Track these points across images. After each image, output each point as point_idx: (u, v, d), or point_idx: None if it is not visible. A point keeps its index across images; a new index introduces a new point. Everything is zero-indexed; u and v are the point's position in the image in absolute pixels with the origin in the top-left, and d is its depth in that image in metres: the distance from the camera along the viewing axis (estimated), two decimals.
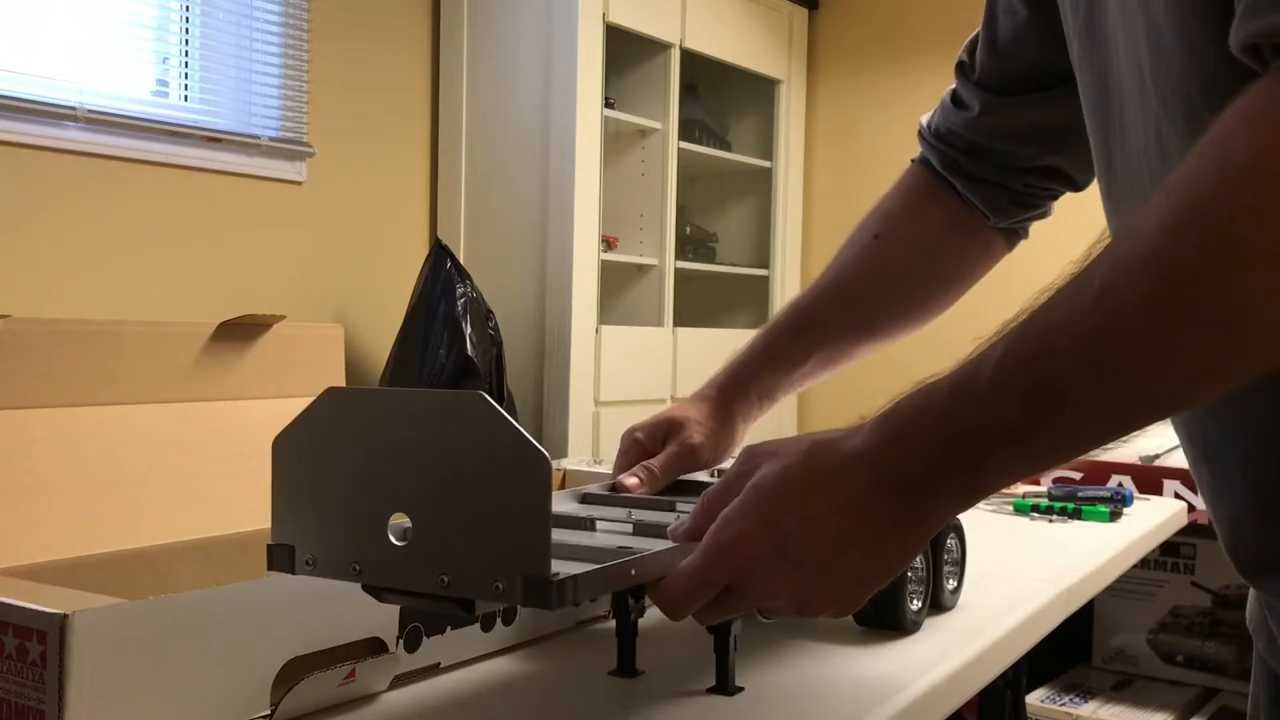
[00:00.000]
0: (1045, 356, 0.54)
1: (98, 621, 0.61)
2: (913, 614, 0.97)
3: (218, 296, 2.84)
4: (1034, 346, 0.55)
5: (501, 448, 0.59)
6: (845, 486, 0.59)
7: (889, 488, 0.58)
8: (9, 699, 0.62)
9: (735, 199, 4.13)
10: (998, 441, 0.55)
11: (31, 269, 2.53)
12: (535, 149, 3.21)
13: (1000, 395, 0.55)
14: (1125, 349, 0.52)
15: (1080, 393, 0.53)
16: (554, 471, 1.20)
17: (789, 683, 0.82)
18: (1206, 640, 1.98)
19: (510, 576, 0.58)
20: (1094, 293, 0.53)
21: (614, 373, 3.25)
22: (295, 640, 0.71)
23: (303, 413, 0.65)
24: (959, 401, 0.57)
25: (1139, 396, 0.53)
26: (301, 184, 3.07)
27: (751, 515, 0.61)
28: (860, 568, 0.59)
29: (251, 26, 2.94)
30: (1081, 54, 0.74)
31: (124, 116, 2.65)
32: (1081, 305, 0.53)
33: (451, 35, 3.38)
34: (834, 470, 0.59)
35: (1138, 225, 0.53)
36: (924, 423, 0.58)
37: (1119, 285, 0.52)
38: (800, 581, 0.60)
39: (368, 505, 0.63)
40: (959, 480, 0.57)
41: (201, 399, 1.08)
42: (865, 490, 0.58)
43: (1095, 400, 0.53)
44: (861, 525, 0.58)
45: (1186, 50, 0.59)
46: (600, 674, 0.83)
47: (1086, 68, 0.73)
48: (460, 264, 2.96)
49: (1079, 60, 0.75)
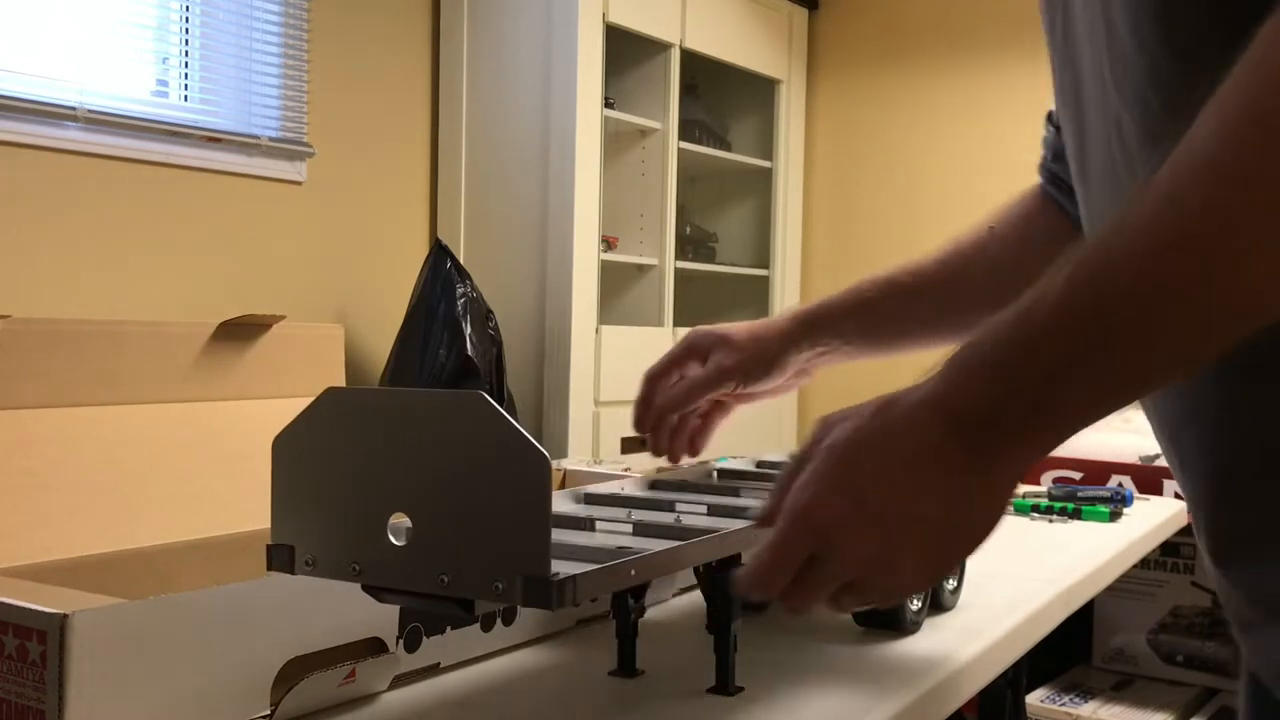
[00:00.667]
0: (1106, 275, 0.52)
1: (98, 621, 0.61)
2: (913, 614, 0.97)
3: (218, 296, 2.84)
4: (1095, 269, 0.53)
5: (501, 448, 0.59)
6: (914, 435, 0.57)
7: (958, 429, 0.56)
8: (9, 699, 0.62)
9: (735, 199, 4.13)
10: (1064, 364, 0.53)
11: (31, 269, 2.53)
12: (535, 149, 3.21)
13: (1063, 317, 0.53)
14: (1188, 259, 0.50)
15: (1144, 308, 0.51)
16: (554, 471, 1.20)
17: (789, 683, 0.82)
18: (1206, 640, 1.98)
19: (510, 576, 0.58)
20: (1152, 207, 0.52)
21: (614, 373, 3.25)
22: (295, 640, 0.71)
23: (303, 413, 0.65)
24: (1022, 329, 0.55)
25: (1207, 310, 0.51)
26: (301, 184, 3.07)
27: (825, 478, 0.58)
28: (945, 516, 0.57)
29: (251, 26, 2.94)
30: (1061, 61, 0.74)
31: (124, 116, 2.65)
32: (1140, 222, 0.52)
33: (451, 35, 3.38)
34: (902, 421, 0.58)
35: (1189, 144, 0.51)
36: (989, 357, 0.56)
37: (1178, 196, 0.51)
38: (883, 539, 0.57)
39: (368, 505, 0.63)
40: (1028, 412, 0.55)
41: (201, 399, 1.08)
42: (935, 435, 0.56)
43: (1162, 317, 0.51)
44: (937, 471, 0.56)
45: (1136, 49, 0.60)
46: (600, 674, 0.83)
47: (1064, 72, 0.74)
48: (460, 264, 2.96)
49: (1059, 66, 0.75)
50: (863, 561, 0.58)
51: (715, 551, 0.74)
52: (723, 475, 1.04)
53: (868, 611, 0.97)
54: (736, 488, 0.93)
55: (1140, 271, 0.52)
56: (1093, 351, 0.53)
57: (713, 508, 0.84)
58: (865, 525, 0.57)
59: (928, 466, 0.56)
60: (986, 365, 0.56)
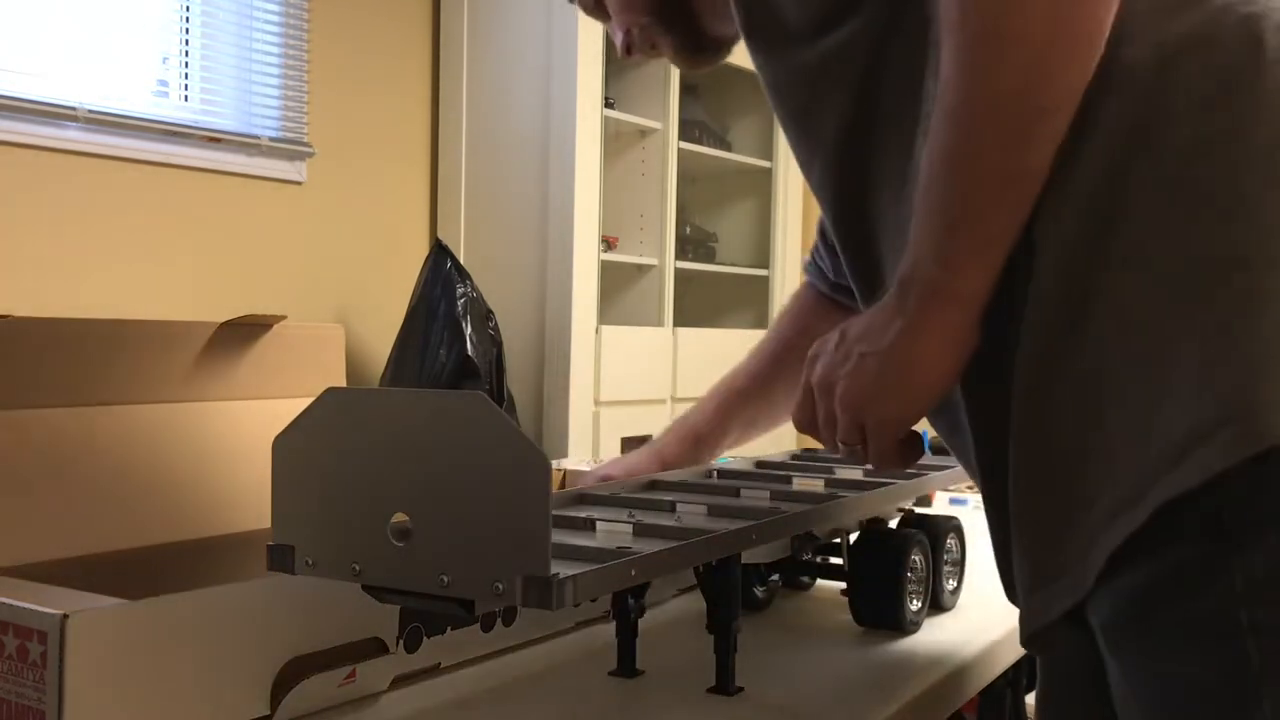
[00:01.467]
0: (944, 165, 0.67)
1: (98, 621, 0.61)
2: (913, 614, 0.97)
3: (218, 296, 2.84)
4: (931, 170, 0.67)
5: (501, 448, 0.59)
6: (878, 308, 0.72)
7: (894, 291, 0.71)
8: (9, 699, 0.62)
9: (735, 199, 4.13)
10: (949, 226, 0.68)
11: (31, 269, 2.53)
12: (535, 149, 3.21)
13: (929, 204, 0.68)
14: (979, 121, 0.64)
15: (972, 163, 0.65)
16: (554, 471, 1.20)
17: (789, 683, 0.82)
18: None
19: (510, 576, 0.59)
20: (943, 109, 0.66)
21: (614, 373, 3.25)
22: (295, 640, 0.71)
23: (303, 413, 0.65)
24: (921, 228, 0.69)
25: (1007, 129, 0.64)
26: (301, 184, 3.07)
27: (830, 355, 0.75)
28: (886, 348, 0.70)
29: (251, 26, 2.94)
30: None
31: (124, 116, 2.65)
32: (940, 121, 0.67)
33: (451, 35, 3.38)
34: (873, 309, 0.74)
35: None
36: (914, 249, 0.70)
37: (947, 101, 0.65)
38: (852, 376, 0.71)
39: (368, 505, 0.63)
40: (933, 264, 0.68)
41: (202, 399, 1.08)
42: (888, 300, 0.71)
43: (985, 160, 0.65)
44: (880, 320, 0.71)
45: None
46: (600, 674, 0.83)
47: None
48: (460, 264, 2.96)
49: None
50: (846, 398, 0.72)
51: (715, 551, 0.74)
52: (722, 475, 1.04)
53: (868, 611, 0.97)
54: (736, 488, 0.93)
55: (953, 150, 0.66)
56: (955, 213, 0.67)
57: (713, 508, 0.84)
58: (847, 372, 0.72)
59: (876, 316, 0.71)
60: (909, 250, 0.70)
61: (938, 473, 1.06)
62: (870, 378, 0.71)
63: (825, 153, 0.81)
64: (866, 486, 0.97)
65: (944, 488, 1.10)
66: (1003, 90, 0.63)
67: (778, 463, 1.14)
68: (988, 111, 0.64)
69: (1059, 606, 0.64)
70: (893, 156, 0.75)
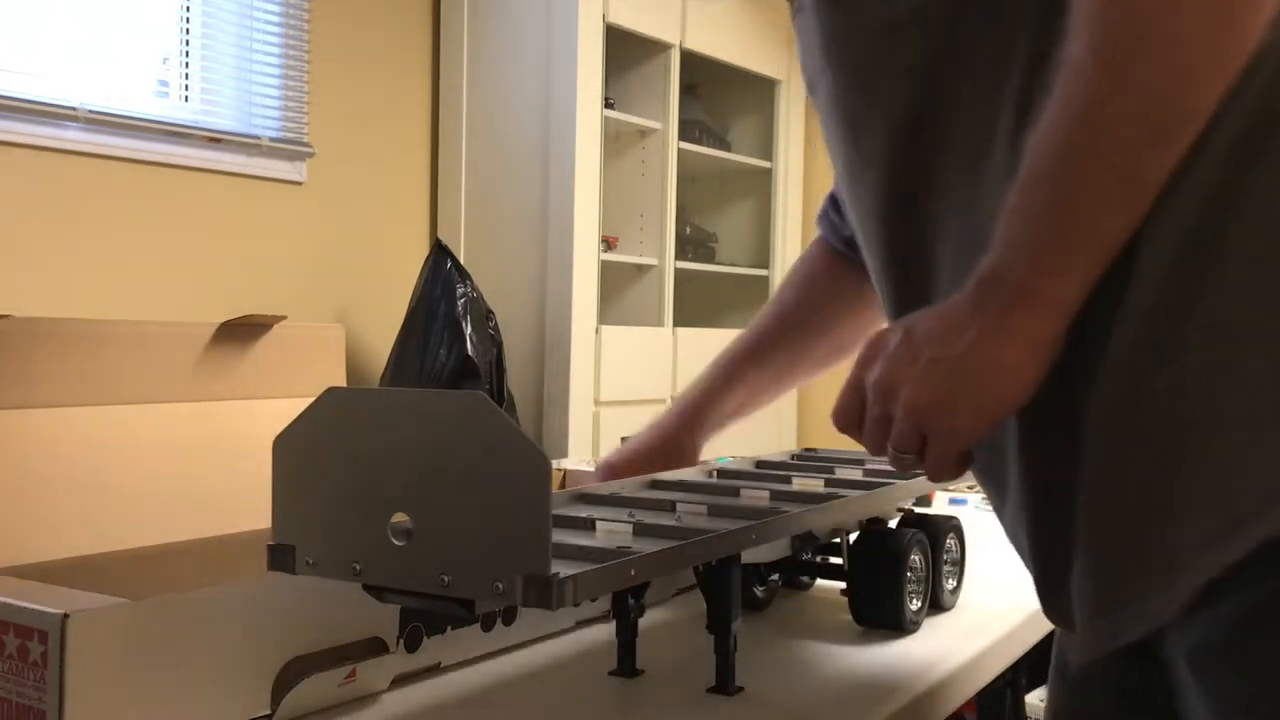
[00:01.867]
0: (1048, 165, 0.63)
1: (98, 621, 0.61)
2: (913, 614, 0.97)
3: (218, 296, 2.84)
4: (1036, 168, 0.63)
5: (502, 448, 0.59)
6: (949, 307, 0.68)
7: (970, 290, 0.66)
8: (9, 699, 0.62)
9: (735, 199, 4.13)
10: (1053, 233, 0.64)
11: (31, 269, 2.53)
12: (535, 149, 3.21)
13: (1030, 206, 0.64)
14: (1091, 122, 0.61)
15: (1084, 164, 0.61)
16: (554, 471, 1.20)
17: (789, 683, 0.82)
18: None
19: (510, 576, 0.59)
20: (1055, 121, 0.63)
21: (614, 373, 3.25)
22: (295, 640, 0.71)
23: (303, 413, 0.65)
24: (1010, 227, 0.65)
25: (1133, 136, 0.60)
26: (301, 184, 3.07)
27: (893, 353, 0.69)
28: (963, 354, 0.65)
29: (251, 26, 2.94)
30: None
31: (124, 116, 2.65)
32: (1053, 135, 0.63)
33: (451, 35, 3.38)
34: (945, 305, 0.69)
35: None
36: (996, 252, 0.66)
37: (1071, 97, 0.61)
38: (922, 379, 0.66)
39: (368, 505, 0.63)
40: (1029, 268, 0.64)
41: (202, 399, 1.08)
42: (962, 300, 0.67)
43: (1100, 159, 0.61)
44: (954, 322, 0.66)
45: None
46: (600, 674, 0.83)
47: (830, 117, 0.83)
48: (460, 264, 2.96)
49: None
50: (912, 403, 0.67)
51: (715, 551, 0.74)
52: (722, 475, 1.04)
53: (868, 611, 0.97)
54: (736, 488, 0.93)
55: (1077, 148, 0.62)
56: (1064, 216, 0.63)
57: (713, 508, 0.84)
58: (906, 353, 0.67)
59: (949, 317, 0.66)
60: (994, 249, 0.66)
61: None
62: (940, 384, 0.66)
63: (882, 136, 0.76)
64: (866, 486, 0.97)
65: (944, 488, 1.10)
66: (1151, 92, 0.59)
67: (778, 463, 1.14)
68: (1129, 113, 0.60)
69: (1131, 633, 0.62)
70: (961, 153, 0.71)
